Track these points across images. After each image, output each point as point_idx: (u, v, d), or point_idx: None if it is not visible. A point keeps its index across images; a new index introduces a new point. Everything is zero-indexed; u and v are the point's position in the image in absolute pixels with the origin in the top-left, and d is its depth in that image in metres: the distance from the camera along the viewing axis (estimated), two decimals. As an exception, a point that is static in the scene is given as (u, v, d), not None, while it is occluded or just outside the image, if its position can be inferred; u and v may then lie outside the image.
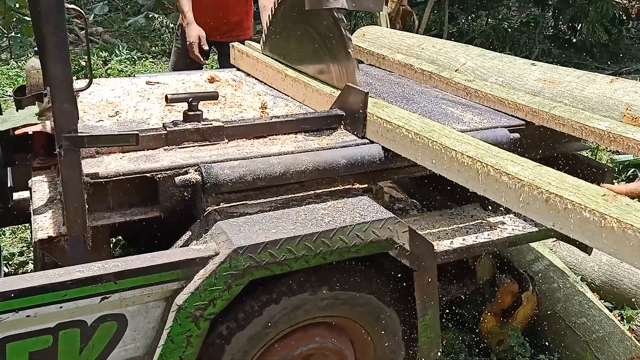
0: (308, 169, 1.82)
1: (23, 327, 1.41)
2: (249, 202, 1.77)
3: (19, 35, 7.05)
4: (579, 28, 9.26)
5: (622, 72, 7.81)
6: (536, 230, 2.06)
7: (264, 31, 2.81)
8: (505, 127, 2.20)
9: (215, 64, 5.13)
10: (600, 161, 3.44)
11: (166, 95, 1.95)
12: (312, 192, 1.85)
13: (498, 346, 2.47)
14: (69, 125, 1.54)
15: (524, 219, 2.11)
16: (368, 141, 2.01)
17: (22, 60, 7.18)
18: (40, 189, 1.94)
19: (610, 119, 2.11)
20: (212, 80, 2.73)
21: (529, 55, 8.23)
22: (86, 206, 1.62)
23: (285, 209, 1.74)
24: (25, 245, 3.27)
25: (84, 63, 6.71)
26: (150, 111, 2.22)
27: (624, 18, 9.54)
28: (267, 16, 3.18)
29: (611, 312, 2.62)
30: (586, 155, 2.39)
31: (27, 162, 2.12)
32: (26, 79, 2.52)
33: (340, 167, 1.87)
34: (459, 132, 1.84)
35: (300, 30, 2.45)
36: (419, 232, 1.81)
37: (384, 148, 1.95)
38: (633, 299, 2.78)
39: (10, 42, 7.26)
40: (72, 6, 1.64)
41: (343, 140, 2.02)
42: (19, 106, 2.31)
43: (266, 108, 2.31)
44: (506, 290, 2.37)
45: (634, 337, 2.46)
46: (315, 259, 1.62)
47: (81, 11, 1.81)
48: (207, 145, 1.90)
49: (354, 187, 1.91)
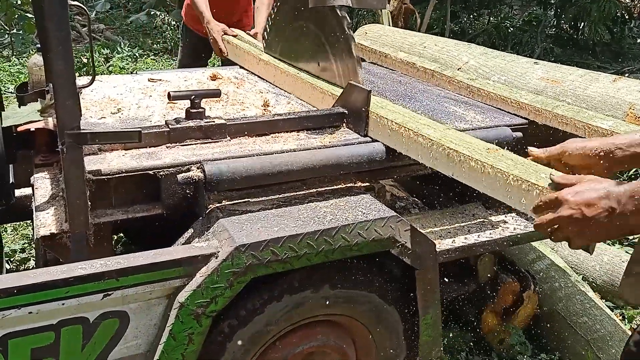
0: (310, 167, 1.82)
1: (25, 324, 1.41)
2: (251, 199, 1.76)
3: (20, 32, 7.05)
4: (581, 27, 9.24)
5: (624, 72, 7.80)
6: (538, 229, 2.06)
7: (265, 29, 2.81)
8: (508, 126, 2.20)
9: (217, 61, 5.14)
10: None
11: (169, 93, 1.95)
12: (314, 190, 1.85)
13: (499, 345, 2.47)
14: (72, 122, 1.54)
15: (526, 218, 2.11)
16: (370, 139, 2.01)
17: (24, 57, 7.17)
18: (42, 185, 1.94)
19: (613, 118, 2.11)
20: (214, 77, 2.73)
21: (531, 54, 8.21)
22: (88, 203, 1.62)
23: (288, 206, 1.74)
24: (27, 242, 3.28)
25: (85, 60, 6.70)
26: (152, 108, 2.22)
27: (627, 17, 9.50)
28: (261, 18, 3.45)
29: (612, 311, 2.62)
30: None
31: (30, 158, 2.12)
32: (28, 75, 2.52)
33: (342, 165, 1.87)
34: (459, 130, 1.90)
35: (302, 28, 2.45)
36: (421, 231, 1.81)
37: (386, 146, 1.95)
38: (634, 299, 2.78)
39: (12, 39, 7.26)
40: (74, 3, 1.63)
41: (345, 138, 2.01)
42: (22, 103, 2.31)
43: (268, 106, 2.30)
44: (507, 289, 2.37)
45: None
46: (317, 257, 1.62)
47: (84, 8, 1.80)
48: (210, 142, 1.90)
49: (356, 185, 1.91)
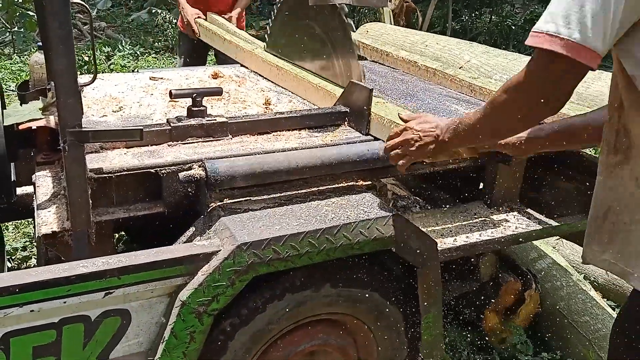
0: (311, 165, 1.81)
1: (27, 322, 1.41)
2: (252, 198, 1.76)
3: (22, 30, 7.05)
4: (582, 26, 9.23)
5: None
6: (539, 228, 2.06)
7: (266, 28, 2.80)
8: (510, 125, 2.19)
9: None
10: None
11: (170, 91, 1.95)
12: (316, 188, 1.85)
13: (501, 344, 2.47)
14: (74, 120, 1.54)
15: (528, 217, 2.11)
16: (372, 138, 2.00)
17: (25, 55, 7.17)
18: (44, 184, 1.94)
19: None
20: (215, 76, 2.72)
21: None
22: (90, 201, 1.62)
23: (289, 205, 1.73)
24: (28, 240, 3.28)
25: (87, 58, 6.70)
26: (154, 107, 2.22)
27: (628, 16, 9.49)
28: (240, 4, 3.98)
29: (614, 310, 2.62)
30: (590, 153, 2.38)
31: (31, 157, 2.12)
32: (30, 73, 2.52)
33: (344, 164, 1.86)
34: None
35: (303, 27, 2.44)
36: (423, 230, 1.81)
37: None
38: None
39: (14, 37, 7.25)
40: (76, 0, 1.63)
41: (347, 136, 2.01)
42: (23, 101, 2.31)
43: (270, 104, 2.30)
44: (509, 288, 2.36)
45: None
46: (319, 255, 1.62)
47: (85, 5, 1.80)
48: (211, 141, 1.89)
49: (357, 184, 1.91)
